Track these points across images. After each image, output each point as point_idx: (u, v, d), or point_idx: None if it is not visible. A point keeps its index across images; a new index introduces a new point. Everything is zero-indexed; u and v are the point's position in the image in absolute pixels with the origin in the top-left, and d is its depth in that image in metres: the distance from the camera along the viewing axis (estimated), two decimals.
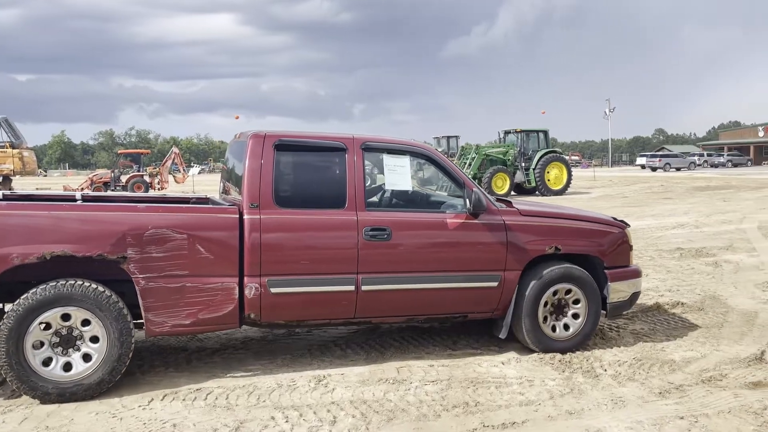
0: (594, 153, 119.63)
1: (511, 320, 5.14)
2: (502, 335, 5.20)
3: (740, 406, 4.05)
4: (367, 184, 4.96)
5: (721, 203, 19.22)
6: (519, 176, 24.92)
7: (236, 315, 4.50)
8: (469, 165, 24.34)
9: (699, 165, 57.73)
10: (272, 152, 4.66)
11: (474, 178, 24.32)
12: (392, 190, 5.27)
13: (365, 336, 5.64)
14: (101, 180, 27.81)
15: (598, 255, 5.36)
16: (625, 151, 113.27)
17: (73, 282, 4.09)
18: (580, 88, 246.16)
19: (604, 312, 5.42)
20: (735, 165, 60.74)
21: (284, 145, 4.75)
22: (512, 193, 24.19)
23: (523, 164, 25.13)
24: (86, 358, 4.15)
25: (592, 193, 25.58)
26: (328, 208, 4.74)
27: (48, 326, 4.07)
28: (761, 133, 70.38)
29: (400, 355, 5.12)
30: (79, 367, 4.12)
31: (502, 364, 4.91)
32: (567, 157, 30.31)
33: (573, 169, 27.58)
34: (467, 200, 4.94)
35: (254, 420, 3.83)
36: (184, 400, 4.15)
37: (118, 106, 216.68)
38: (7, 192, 5.36)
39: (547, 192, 24.36)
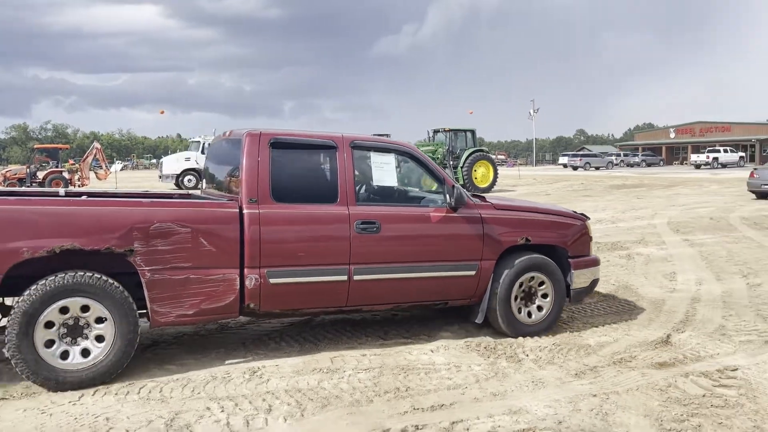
0: (519, 152, 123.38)
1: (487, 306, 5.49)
2: (479, 320, 5.57)
3: (647, 384, 4.41)
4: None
5: (635, 200, 20.37)
6: (447, 174, 25.44)
7: (237, 305, 4.70)
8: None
9: (616, 164, 60.66)
10: (268, 150, 4.88)
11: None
12: (379, 186, 5.51)
13: (299, 329, 5.73)
14: (15, 176, 26.36)
15: (563, 245, 5.79)
16: (548, 151, 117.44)
17: (91, 275, 4.23)
18: (507, 89, 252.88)
19: (568, 298, 5.83)
20: (649, 164, 64.16)
21: (279, 143, 4.97)
22: None
23: (452, 162, 25.69)
24: (91, 350, 4.28)
25: (516, 191, 26.46)
26: (321, 202, 5.02)
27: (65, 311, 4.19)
28: (672, 135, 74.64)
29: (334, 345, 5.24)
30: (86, 357, 4.25)
31: (431, 351, 5.12)
32: (494, 156, 31.25)
33: (499, 167, 28.47)
34: (448, 195, 5.28)
35: (189, 411, 3.87)
36: (116, 394, 4.13)
37: (33, 99, 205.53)
38: None
39: (474, 190, 25.00)
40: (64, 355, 4.19)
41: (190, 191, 5.77)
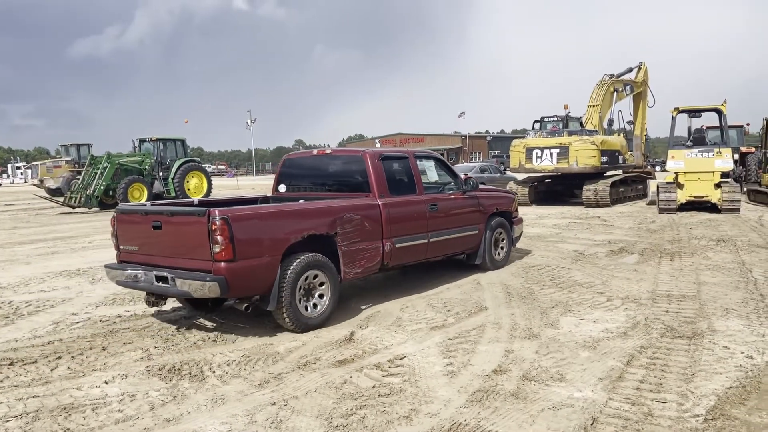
0: (241, 162, 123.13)
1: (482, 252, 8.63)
2: (478, 262, 8.63)
3: (325, 384, 4.57)
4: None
5: None
6: (157, 186, 24.02)
7: (380, 264, 6.92)
8: (101, 175, 22.53)
9: None
10: (380, 162, 7.22)
11: (107, 188, 22.65)
12: (428, 180, 8.30)
13: None
14: None
15: (510, 211, 9.26)
16: (269, 161, 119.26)
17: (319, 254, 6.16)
18: (225, 99, 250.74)
19: (513, 245, 9.34)
20: None
21: (384, 157, 7.35)
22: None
23: (161, 174, 24.35)
24: (318, 304, 6.19)
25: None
26: (409, 194, 7.48)
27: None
28: (378, 145, 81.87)
29: None
30: (315, 309, 6.15)
31: (106, 383, 4.64)
32: (213, 167, 30.48)
33: (220, 178, 27.79)
34: (463, 185, 8.32)
35: None
36: None
37: None
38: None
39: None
40: (306, 308, 6.02)
41: (268, 195, 8.21)
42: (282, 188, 8.00)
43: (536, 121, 25.32)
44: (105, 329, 6.19)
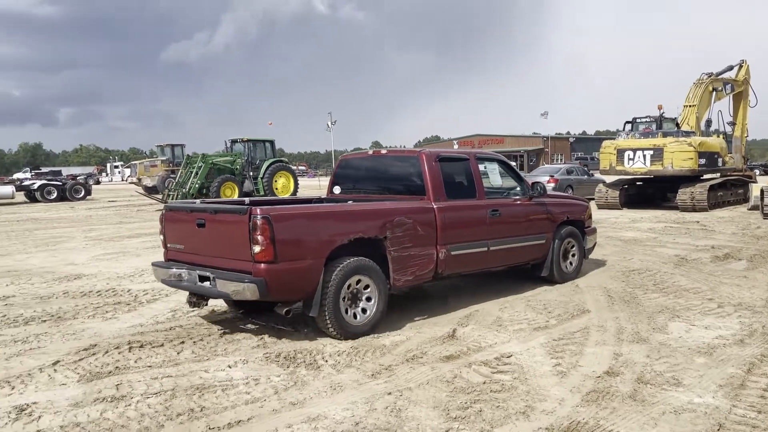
0: (319, 163, 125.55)
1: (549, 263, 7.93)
2: (545, 274, 7.95)
3: (436, 377, 4.69)
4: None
5: None
6: (247, 185, 24.97)
7: (433, 271, 6.45)
8: (196, 174, 23.64)
9: None
10: (437, 164, 6.72)
11: (201, 187, 23.73)
12: (491, 185, 7.73)
13: (75, 358, 5.18)
14: None
15: (581, 220, 8.49)
16: None
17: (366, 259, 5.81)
18: (305, 101, 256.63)
19: (584, 256, 8.55)
20: None
21: (441, 158, 6.82)
22: None
23: (251, 173, 25.29)
24: (363, 312, 5.85)
25: None
26: (468, 198, 6.97)
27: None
28: (456, 146, 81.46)
29: (119, 371, 4.82)
30: (361, 316, 5.83)
31: (229, 367, 4.94)
32: (294, 167, 31.40)
33: (301, 178, 28.62)
34: (529, 190, 7.69)
35: None
36: None
37: None
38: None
39: None
40: (349, 313, 5.71)
41: (321, 197, 7.94)
42: (337, 190, 7.67)
43: (628, 122, 24.47)
44: (218, 318, 6.55)
